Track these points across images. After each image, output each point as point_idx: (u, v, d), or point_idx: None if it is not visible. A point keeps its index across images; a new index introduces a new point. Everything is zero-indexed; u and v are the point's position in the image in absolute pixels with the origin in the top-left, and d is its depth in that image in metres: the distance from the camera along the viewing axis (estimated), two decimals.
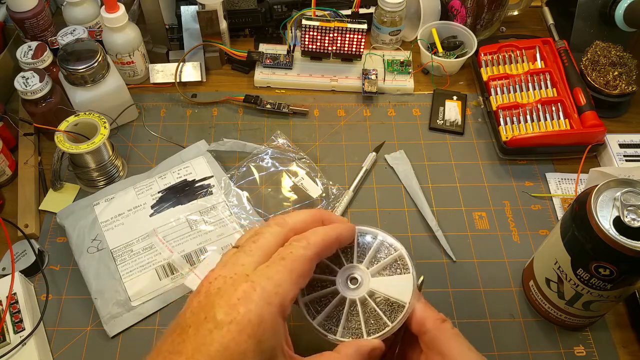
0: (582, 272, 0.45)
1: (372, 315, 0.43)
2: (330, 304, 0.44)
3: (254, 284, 0.36)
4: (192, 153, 0.66)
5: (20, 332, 0.50)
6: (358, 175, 0.64)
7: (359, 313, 0.43)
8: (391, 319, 0.43)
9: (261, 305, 0.35)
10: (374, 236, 0.47)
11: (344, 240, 0.44)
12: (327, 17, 0.72)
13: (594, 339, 0.53)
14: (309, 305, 0.44)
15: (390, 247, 0.46)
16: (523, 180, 0.65)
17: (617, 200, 0.42)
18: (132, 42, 0.69)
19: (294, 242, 0.40)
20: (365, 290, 0.44)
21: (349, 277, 0.45)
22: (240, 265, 0.38)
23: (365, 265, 0.45)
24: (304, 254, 0.39)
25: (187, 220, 0.59)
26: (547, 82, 0.69)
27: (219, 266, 0.39)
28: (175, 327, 0.37)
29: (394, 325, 0.42)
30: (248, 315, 0.35)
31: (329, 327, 0.43)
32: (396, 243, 0.46)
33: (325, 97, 0.74)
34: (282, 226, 0.41)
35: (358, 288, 0.44)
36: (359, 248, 0.46)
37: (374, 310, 0.43)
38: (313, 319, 0.44)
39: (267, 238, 0.40)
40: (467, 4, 0.76)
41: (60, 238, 0.60)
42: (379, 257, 0.46)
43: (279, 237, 0.40)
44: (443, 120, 0.70)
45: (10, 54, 0.71)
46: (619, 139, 0.66)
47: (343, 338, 0.42)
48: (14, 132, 0.67)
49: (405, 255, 0.45)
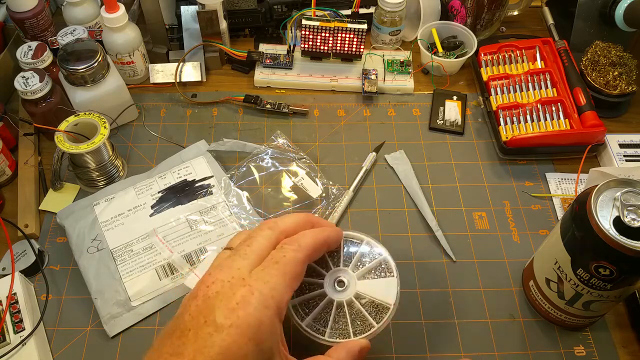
0: (582, 272, 0.45)
1: (359, 316, 0.45)
2: (318, 306, 0.46)
3: (251, 288, 0.37)
4: (192, 153, 0.66)
5: (20, 332, 0.50)
6: (358, 175, 0.64)
7: (346, 315, 0.45)
8: (376, 319, 0.45)
9: (259, 309, 0.37)
10: (359, 241, 0.49)
11: (332, 243, 0.46)
12: (327, 17, 0.72)
13: (594, 339, 0.53)
14: (298, 307, 0.46)
15: (375, 251, 0.48)
16: (523, 180, 0.65)
17: (617, 200, 0.42)
18: (132, 42, 0.69)
19: (286, 245, 0.41)
20: (351, 292, 0.46)
21: (336, 280, 0.47)
22: (236, 269, 0.39)
23: (352, 269, 0.47)
24: (296, 257, 0.40)
25: (187, 220, 0.59)
26: (547, 82, 0.69)
27: (215, 269, 0.39)
28: (173, 330, 0.37)
29: (379, 326, 0.44)
30: (247, 318, 0.36)
31: (317, 328, 0.45)
32: (381, 248, 0.48)
33: (325, 97, 0.74)
34: (274, 229, 0.42)
35: (345, 290, 0.46)
36: (345, 252, 0.48)
37: (360, 311, 0.45)
38: (302, 320, 0.45)
39: (260, 242, 0.41)
40: (467, 4, 0.76)
41: (60, 238, 0.60)
42: (364, 261, 0.48)
43: (271, 240, 0.41)
44: (443, 120, 0.70)
45: (10, 54, 0.71)
46: (619, 139, 0.66)
47: (331, 339, 0.44)
48: (14, 132, 0.67)
49: (389, 259, 0.47)
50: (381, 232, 0.60)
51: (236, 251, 0.40)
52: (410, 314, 0.54)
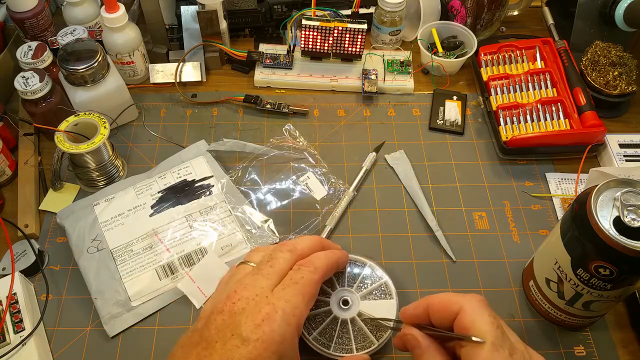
0: (582, 272, 0.45)
1: (360, 333, 0.50)
2: (324, 322, 0.50)
3: (275, 306, 0.42)
4: (192, 153, 0.66)
5: (20, 332, 0.50)
6: (358, 175, 0.64)
7: (349, 331, 0.50)
8: (377, 337, 0.49)
9: (283, 326, 0.41)
10: (363, 264, 0.54)
11: (341, 265, 0.51)
12: (327, 17, 0.72)
13: (594, 339, 0.53)
14: (305, 322, 0.49)
15: (377, 274, 0.53)
16: (523, 180, 0.65)
17: (617, 200, 0.42)
18: (132, 42, 0.69)
19: (303, 267, 0.45)
20: (355, 311, 0.51)
21: (341, 299, 0.51)
22: (260, 288, 0.43)
23: (355, 289, 0.52)
24: (313, 278, 0.45)
25: (186, 220, 0.59)
26: (547, 82, 0.69)
27: (240, 287, 0.43)
28: (198, 341, 0.41)
29: (379, 344, 0.49)
30: (272, 334, 0.40)
31: (322, 342, 0.49)
32: (382, 272, 0.53)
33: (325, 97, 0.74)
34: (293, 252, 0.46)
35: (349, 309, 0.51)
36: (349, 273, 0.53)
37: (362, 329, 0.50)
38: (309, 334, 0.50)
39: (282, 264, 0.45)
40: (467, 4, 0.76)
41: (60, 238, 0.60)
42: (367, 282, 0.53)
43: (290, 262, 0.46)
44: (443, 120, 0.70)
45: (10, 54, 0.71)
46: (619, 139, 0.66)
47: (335, 352, 0.49)
48: (14, 132, 0.67)
49: (390, 283, 0.52)
50: (381, 232, 0.60)
51: (259, 270, 0.45)
52: None
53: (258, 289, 0.43)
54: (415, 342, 0.42)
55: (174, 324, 0.54)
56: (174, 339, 0.44)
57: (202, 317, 0.43)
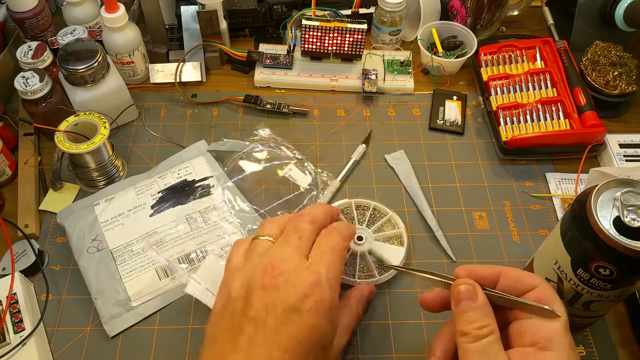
0: (582, 272, 0.45)
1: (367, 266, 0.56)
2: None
3: (319, 275, 0.42)
4: (192, 153, 0.66)
5: (20, 332, 0.50)
6: (346, 166, 0.65)
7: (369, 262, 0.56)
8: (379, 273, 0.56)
9: (329, 291, 0.42)
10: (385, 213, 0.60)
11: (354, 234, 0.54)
12: (327, 17, 0.72)
13: (594, 339, 0.53)
14: None
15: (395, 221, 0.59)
16: (523, 180, 0.65)
17: (617, 200, 0.42)
18: (132, 42, 0.69)
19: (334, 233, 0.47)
20: (367, 247, 0.56)
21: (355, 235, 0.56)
22: (297, 259, 0.43)
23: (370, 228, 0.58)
24: (344, 245, 0.47)
25: (187, 220, 0.59)
26: (547, 82, 0.69)
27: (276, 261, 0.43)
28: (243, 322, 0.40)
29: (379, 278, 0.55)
30: (322, 302, 0.41)
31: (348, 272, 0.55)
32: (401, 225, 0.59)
33: (325, 97, 0.74)
34: (314, 223, 0.47)
35: (363, 244, 0.57)
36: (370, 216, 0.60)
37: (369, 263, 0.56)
38: None
39: (308, 235, 0.46)
40: (467, 4, 0.76)
41: (60, 238, 0.60)
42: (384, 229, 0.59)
43: (315, 232, 0.47)
44: (443, 120, 0.70)
45: (10, 54, 0.71)
46: (619, 139, 0.66)
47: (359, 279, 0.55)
48: (14, 132, 0.67)
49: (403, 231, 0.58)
50: None
51: (287, 243, 0.45)
52: (410, 314, 0.54)
53: (296, 261, 0.43)
54: (470, 294, 0.40)
55: (174, 324, 0.54)
56: (174, 339, 0.43)
57: (237, 298, 0.42)
